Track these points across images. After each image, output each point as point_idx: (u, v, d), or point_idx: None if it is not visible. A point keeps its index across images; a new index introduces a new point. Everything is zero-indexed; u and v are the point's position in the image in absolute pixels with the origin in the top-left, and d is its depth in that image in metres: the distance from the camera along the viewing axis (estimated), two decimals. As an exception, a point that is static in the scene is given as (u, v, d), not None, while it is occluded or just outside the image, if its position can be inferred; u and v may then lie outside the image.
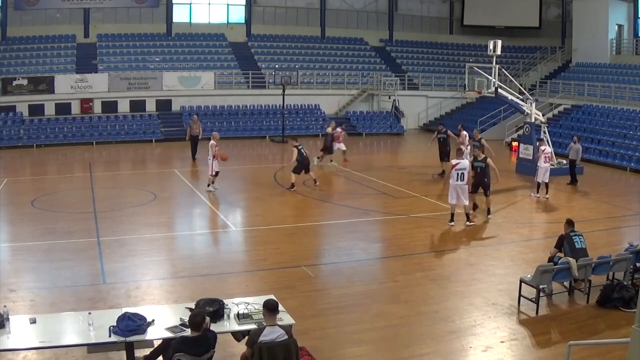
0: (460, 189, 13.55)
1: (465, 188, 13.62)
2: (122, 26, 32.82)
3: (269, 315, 6.36)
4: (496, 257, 11.78)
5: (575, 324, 8.73)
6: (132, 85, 29.55)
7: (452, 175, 13.60)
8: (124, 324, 6.48)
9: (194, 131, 22.77)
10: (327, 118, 30.54)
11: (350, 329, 8.44)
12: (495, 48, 20.73)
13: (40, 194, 16.61)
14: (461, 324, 8.62)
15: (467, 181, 13.65)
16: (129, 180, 19.96)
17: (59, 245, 12.03)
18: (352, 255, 11.86)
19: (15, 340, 6.37)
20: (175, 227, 14.37)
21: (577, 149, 18.90)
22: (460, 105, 35.09)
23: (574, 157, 19.04)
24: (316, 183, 17.74)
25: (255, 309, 6.96)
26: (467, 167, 13.68)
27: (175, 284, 10.06)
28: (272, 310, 6.37)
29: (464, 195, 13.62)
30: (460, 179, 13.52)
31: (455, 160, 13.82)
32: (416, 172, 20.28)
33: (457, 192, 13.58)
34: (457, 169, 13.54)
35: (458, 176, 13.51)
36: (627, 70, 30.08)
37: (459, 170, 13.52)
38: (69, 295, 9.43)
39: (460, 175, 13.51)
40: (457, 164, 13.61)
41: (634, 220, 14.81)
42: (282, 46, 35.38)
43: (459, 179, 13.51)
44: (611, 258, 9.71)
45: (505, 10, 37.40)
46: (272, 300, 6.52)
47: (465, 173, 13.59)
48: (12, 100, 27.70)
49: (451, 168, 13.73)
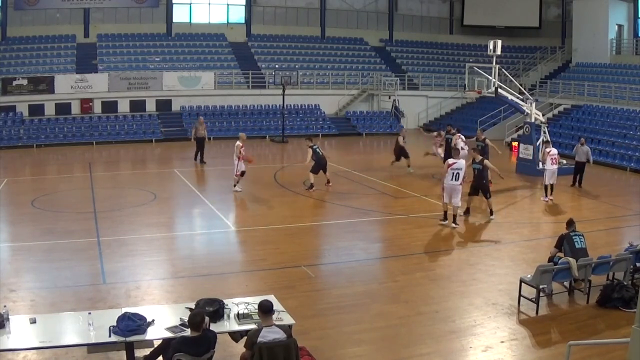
0: (454, 189, 13.49)
1: (459, 188, 13.53)
2: (122, 26, 32.81)
3: (265, 316, 6.38)
4: (496, 257, 11.78)
5: (575, 324, 8.73)
6: (132, 85, 29.54)
7: (447, 174, 13.51)
8: (124, 324, 6.48)
9: (199, 133, 22.25)
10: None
11: (350, 329, 8.44)
12: (495, 48, 20.73)
13: (40, 194, 16.61)
14: (461, 324, 8.61)
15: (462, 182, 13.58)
16: (129, 180, 19.95)
17: (59, 245, 12.03)
18: (352, 255, 11.87)
19: (15, 340, 6.37)
20: (175, 227, 14.37)
21: (585, 150, 18.44)
22: (460, 105, 35.08)
23: (581, 159, 18.51)
24: (329, 183, 17.67)
25: (255, 309, 6.94)
26: (463, 167, 13.58)
27: (175, 284, 10.06)
28: (267, 312, 6.39)
29: (456, 195, 13.52)
30: (455, 179, 13.44)
31: (452, 160, 13.73)
32: (416, 172, 20.26)
33: (451, 191, 13.53)
34: (453, 169, 13.45)
35: (453, 176, 13.43)
36: (627, 70, 30.08)
37: (455, 169, 13.43)
38: (69, 295, 9.43)
39: (455, 174, 13.42)
40: (454, 164, 13.51)
41: (634, 220, 14.82)
42: (282, 46, 35.38)
43: (453, 179, 13.44)
44: (611, 258, 9.71)
45: (505, 10, 37.40)
46: (266, 302, 6.52)
47: (461, 173, 13.49)
48: (12, 100, 27.69)
49: (447, 167, 13.63)
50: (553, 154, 16.83)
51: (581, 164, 18.66)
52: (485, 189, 14.38)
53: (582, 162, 18.62)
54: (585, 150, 18.51)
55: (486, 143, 18.13)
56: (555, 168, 16.67)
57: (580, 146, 18.64)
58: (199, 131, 22.31)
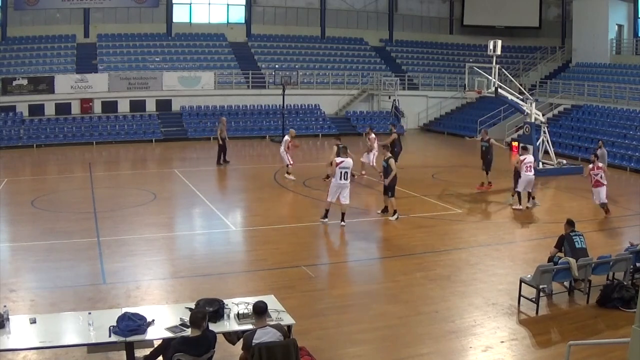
0: (342, 188, 13.55)
1: (348, 186, 13.60)
2: (122, 26, 32.80)
3: (258, 318, 6.42)
4: (496, 257, 11.78)
5: (575, 324, 8.73)
6: (132, 85, 29.54)
7: (335, 173, 13.55)
8: (124, 324, 6.49)
9: (223, 133, 21.98)
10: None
11: (350, 329, 8.44)
12: (495, 48, 20.74)
13: (40, 194, 16.60)
14: (461, 324, 8.61)
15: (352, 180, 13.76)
16: (129, 180, 19.94)
17: (59, 245, 12.02)
18: (352, 255, 11.85)
19: (15, 340, 6.37)
20: (175, 227, 14.36)
21: (602, 153, 17.79)
22: (460, 105, 35.09)
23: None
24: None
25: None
26: (350, 166, 13.67)
27: (175, 284, 10.06)
28: (261, 314, 6.42)
29: (345, 194, 13.57)
30: (344, 178, 13.52)
31: (339, 159, 13.71)
32: (416, 172, 20.26)
33: (339, 191, 13.58)
34: (341, 167, 13.50)
35: (341, 175, 13.51)
36: (627, 70, 30.08)
37: (342, 168, 13.50)
38: (69, 295, 9.43)
39: (343, 174, 13.50)
40: (342, 162, 13.56)
41: (634, 220, 14.82)
42: (282, 46, 35.37)
43: (342, 178, 13.52)
44: (611, 258, 9.72)
45: (505, 10, 37.40)
46: (260, 303, 6.54)
47: (349, 172, 13.61)
48: (12, 100, 27.68)
49: (335, 166, 13.63)
50: (527, 161, 15.46)
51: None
52: (390, 187, 14.39)
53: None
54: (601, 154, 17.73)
55: (490, 143, 18.11)
56: (531, 175, 15.45)
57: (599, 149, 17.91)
58: (222, 132, 22.01)
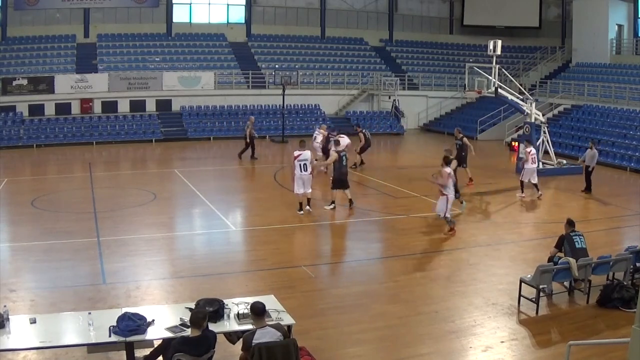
0: (304, 179, 14.26)
1: (310, 178, 14.33)
2: (122, 26, 32.79)
3: (257, 318, 6.42)
4: (496, 257, 11.78)
5: (575, 324, 8.73)
6: (132, 85, 29.53)
7: (295, 166, 14.24)
8: (124, 324, 6.49)
9: (252, 132, 22.74)
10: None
11: (350, 329, 8.44)
12: (495, 48, 20.73)
13: (40, 194, 16.60)
14: (461, 324, 8.61)
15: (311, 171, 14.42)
16: (129, 180, 19.94)
17: (59, 245, 12.02)
18: (352, 255, 11.85)
19: (15, 340, 6.37)
20: (175, 227, 14.36)
21: (592, 154, 17.85)
22: (460, 105, 35.08)
23: (589, 163, 17.85)
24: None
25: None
26: (309, 157, 14.38)
27: (175, 284, 10.06)
28: (260, 314, 6.42)
29: (307, 184, 14.33)
30: (304, 170, 14.21)
31: (297, 152, 14.41)
32: (416, 172, 20.26)
33: (302, 182, 14.28)
34: (299, 160, 14.22)
35: (301, 167, 14.21)
36: (627, 70, 30.08)
37: (301, 161, 14.21)
38: (69, 295, 9.43)
39: (303, 166, 14.22)
40: (299, 155, 14.28)
41: (634, 220, 14.82)
42: (282, 46, 35.37)
43: (302, 170, 14.21)
44: (611, 258, 9.72)
45: (505, 10, 37.39)
46: (258, 304, 6.54)
47: (308, 164, 14.29)
48: (12, 100, 27.66)
49: (293, 159, 14.34)
50: (533, 153, 17.18)
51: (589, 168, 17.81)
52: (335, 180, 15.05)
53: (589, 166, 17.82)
54: (592, 154, 17.82)
55: (464, 142, 18.11)
56: (534, 166, 17.05)
57: (590, 150, 17.95)
58: (252, 131, 22.72)
